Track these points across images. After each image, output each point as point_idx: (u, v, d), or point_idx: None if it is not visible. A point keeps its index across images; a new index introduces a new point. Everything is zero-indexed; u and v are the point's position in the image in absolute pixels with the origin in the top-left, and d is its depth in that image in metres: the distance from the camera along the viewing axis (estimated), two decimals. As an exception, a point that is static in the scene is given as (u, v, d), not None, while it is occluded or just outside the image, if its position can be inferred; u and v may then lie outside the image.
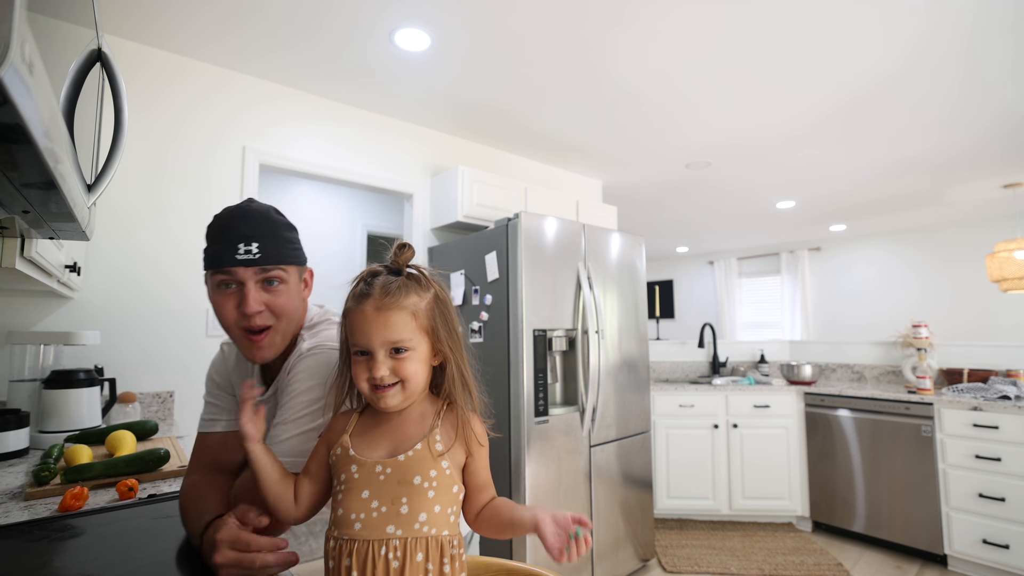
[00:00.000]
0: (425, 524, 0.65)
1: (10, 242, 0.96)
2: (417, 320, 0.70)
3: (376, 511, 0.64)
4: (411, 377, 0.69)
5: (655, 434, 3.35)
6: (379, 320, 0.68)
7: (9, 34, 0.34)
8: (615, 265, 2.71)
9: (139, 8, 1.91)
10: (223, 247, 0.81)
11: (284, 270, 0.85)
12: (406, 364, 0.69)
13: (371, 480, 0.66)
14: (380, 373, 0.67)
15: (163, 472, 1.27)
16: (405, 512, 0.64)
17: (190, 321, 2.20)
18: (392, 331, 0.68)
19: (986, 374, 3.01)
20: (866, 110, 2.77)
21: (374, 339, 0.68)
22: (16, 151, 0.45)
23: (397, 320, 0.68)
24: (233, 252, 0.80)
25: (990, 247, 5.34)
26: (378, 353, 0.68)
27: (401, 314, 0.69)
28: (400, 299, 0.69)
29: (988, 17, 1.96)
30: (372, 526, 0.64)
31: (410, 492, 0.65)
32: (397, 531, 0.64)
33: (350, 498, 0.66)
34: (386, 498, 0.65)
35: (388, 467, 0.67)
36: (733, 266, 7.45)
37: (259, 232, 0.83)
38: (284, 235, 0.87)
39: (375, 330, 0.68)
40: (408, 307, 0.69)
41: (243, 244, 0.81)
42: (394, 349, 0.68)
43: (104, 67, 0.74)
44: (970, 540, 2.60)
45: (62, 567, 0.74)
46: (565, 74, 2.41)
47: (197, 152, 2.26)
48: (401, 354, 0.68)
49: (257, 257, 0.81)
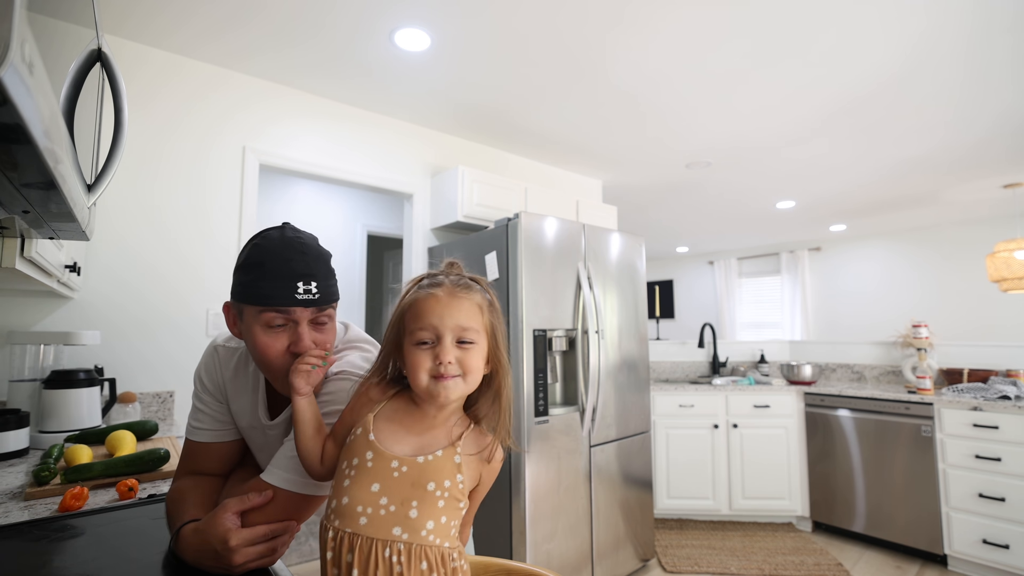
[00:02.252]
0: (431, 533, 0.63)
1: (10, 242, 0.96)
2: (483, 315, 0.71)
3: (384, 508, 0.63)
4: (474, 370, 0.68)
5: (655, 434, 3.35)
6: (453, 304, 0.68)
7: (9, 34, 0.34)
8: (615, 265, 2.71)
9: (139, 8, 1.91)
10: (279, 284, 0.75)
11: (333, 307, 0.83)
12: (471, 356, 0.68)
13: (384, 474, 0.64)
14: (448, 358, 0.66)
15: (163, 472, 1.27)
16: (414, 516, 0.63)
17: (190, 321, 2.20)
18: (464, 316, 0.68)
19: (986, 374, 3.01)
20: (866, 110, 2.77)
21: (446, 322, 0.67)
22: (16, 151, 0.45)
23: (469, 308, 0.69)
24: (292, 291, 0.76)
25: (990, 247, 5.34)
26: (446, 337, 0.67)
27: (472, 304, 0.69)
28: (471, 292, 0.71)
29: (988, 17, 1.96)
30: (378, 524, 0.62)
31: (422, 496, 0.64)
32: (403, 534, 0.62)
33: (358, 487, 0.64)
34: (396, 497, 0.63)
35: (405, 465, 0.65)
36: (733, 266, 7.45)
37: (316, 271, 0.78)
38: (332, 270, 0.83)
39: (448, 313, 0.67)
40: (477, 301, 0.71)
41: (302, 283, 0.76)
42: (460, 340, 0.68)
43: (104, 67, 0.74)
44: (970, 540, 2.60)
45: (62, 567, 0.74)
46: (565, 74, 2.41)
47: (197, 151, 2.26)
48: (466, 345, 0.68)
49: (316, 298, 0.77)
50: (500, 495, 2.29)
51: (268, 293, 0.76)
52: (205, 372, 0.94)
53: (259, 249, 0.78)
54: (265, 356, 0.78)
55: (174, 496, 0.86)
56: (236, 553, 0.68)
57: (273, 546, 0.72)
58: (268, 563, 0.72)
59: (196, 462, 0.93)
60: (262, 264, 0.77)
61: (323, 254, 0.83)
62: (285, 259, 0.77)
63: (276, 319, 0.77)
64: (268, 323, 0.77)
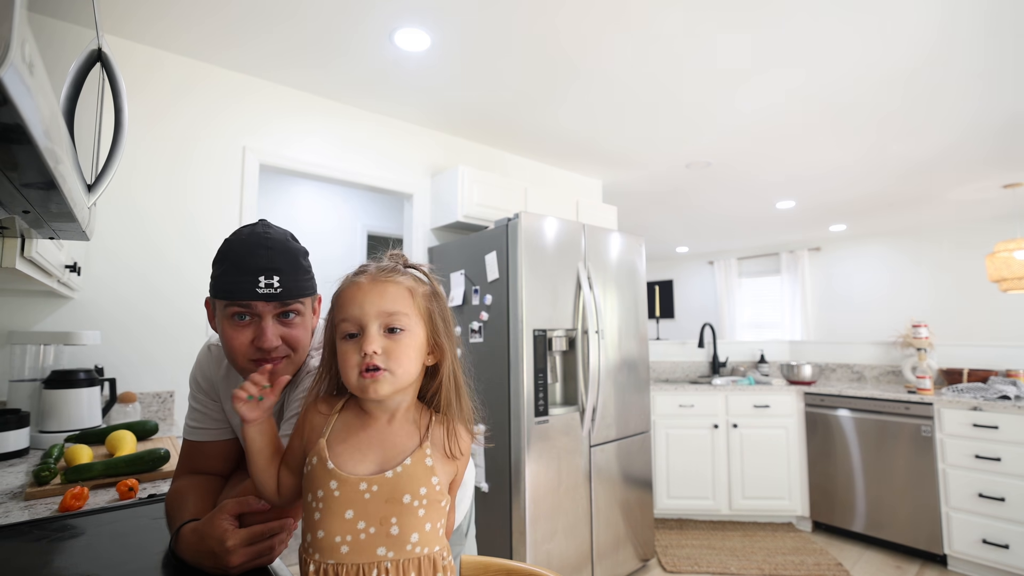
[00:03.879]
0: (418, 544, 0.60)
1: (10, 242, 0.96)
2: (415, 300, 0.65)
3: (364, 532, 0.59)
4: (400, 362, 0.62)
5: (655, 434, 3.35)
6: (375, 290, 0.63)
7: (9, 34, 0.34)
8: (615, 265, 2.71)
9: (140, 10, 1.91)
10: (241, 278, 0.76)
11: (302, 302, 0.82)
12: (400, 345, 0.63)
13: (355, 499, 0.60)
14: (371, 348, 0.61)
15: (163, 472, 1.27)
16: (396, 533, 0.59)
17: (190, 321, 2.20)
18: (388, 302, 0.63)
19: (986, 374, 3.01)
20: (866, 110, 2.77)
21: (368, 310, 0.62)
22: (16, 151, 0.45)
23: (394, 292, 0.64)
24: (253, 285, 0.76)
25: (990, 247, 5.34)
26: (371, 327, 0.62)
27: (399, 288, 0.64)
28: (397, 275, 0.66)
29: (990, 17, 1.96)
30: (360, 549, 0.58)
31: (400, 512, 0.60)
32: (388, 553, 0.59)
33: (332, 519, 0.59)
34: (373, 518, 0.59)
35: (374, 484, 0.60)
36: (733, 266, 7.45)
37: (280, 264, 0.78)
38: (302, 265, 0.83)
39: (369, 300, 0.63)
40: (405, 284, 0.65)
41: (263, 277, 0.76)
42: (389, 328, 0.63)
43: (104, 67, 0.74)
44: (970, 540, 2.60)
45: (62, 567, 0.74)
46: (565, 74, 2.41)
47: (196, 151, 2.26)
48: (395, 334, 0.63)
49: (278, 292, 0.77)
50: (500, 495, 2.29)
51: (230, 288, 0.77)
52: (199, 371, 0.95)
53: (227, 244, 0.80)
54: (229, 350, 0.80)
55: (173, 496, 0.86)
56: (233, 554, 0.68)
57: (270, 544, 0.72)
58: (266, 562, 0.72)
59: (195, 462, 0.93)
60: (227, 259, 0.79)
61: (291, 249, 0.82)
62: (248, 253, 0.78)
63: (239, 311, 0.78)
64: (231, 315, 0.78)
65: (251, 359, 0.79)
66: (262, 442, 0.68)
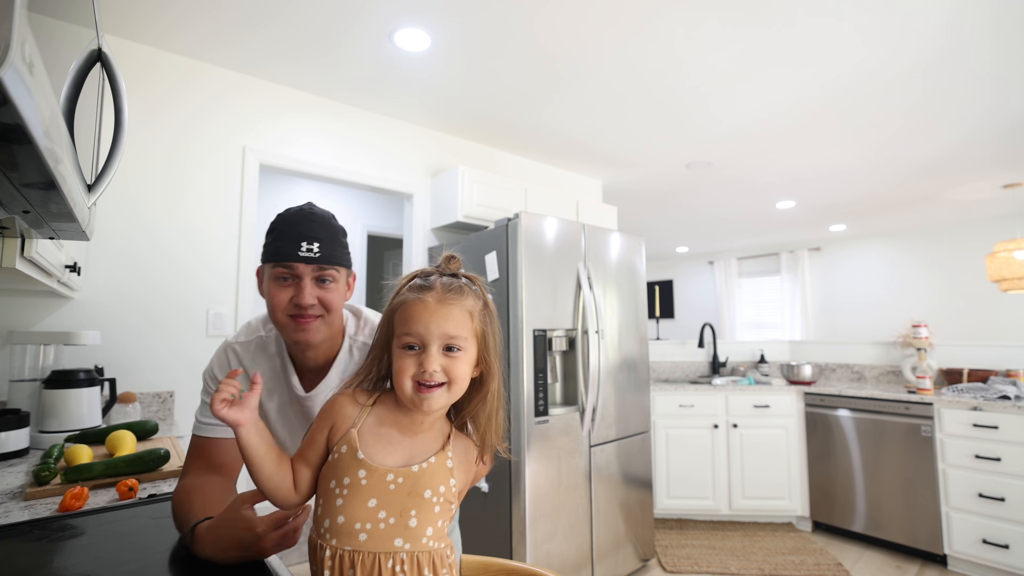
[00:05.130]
0: (431, 539, 0.63)
1: (10, 242, 0.96)
2: (473, 321, 0.69)
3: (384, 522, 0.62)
4: (459, 379, 0.66)
5: (655, 434, 3.36)
6: (440, 312, 0.66)
7: (9, 34, 0.34)
8: (615, 265, 2.71)
9: (140, 9, 1.91)
10: (287, 244, 0.87)
11: (336, 270, 0.91)
12: (457, 364, 0.66)
13: (380, 488, 0.63)
14: (433, 367, 0.64)
15: (163, 472, 1.27)
16: (414, 526, 0.62)
17: (190, 321, 2.20)
18: (452, 325, 0.66)
19: (986, 374, 3.01)
20: (869, 110, 2.77)
21: (432, 330, 0.65)
22: (16, 151, 0.45)
23: (458, 315, 0.67)
24: (296, 249, 0.87)
25: (990, 247, 5.34)
26: (432, 346, 0.65)
27: (461, 311, 0.67)
28: (461, 297, 0.68)
29: (990, 18, 1.96)
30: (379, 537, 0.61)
31: (419, 505, 0.63)
32: (405, 544, 0.61)
33: (354, 505, 0.62)
34: (395, 509, 0.62)
35: (401, 477, 0.64)
36: (733, 266, 7.45)
37: (320, 234, 0.89)
38: (341, 240, 0.93)
39: (435, 321, 0.65)
40: (467, 307, 0.68)
41: (305, 243, 0.87)
42: (447, 347, 0.66)
43: (104, 67, 0.74)
44: (970, 540, 2.60)
45: (62, 567, 0.74)
46: (565, 74, 2.41)
47: (196, 152, 2.26)
48: (453, 353, 0.66)
49: (317, 256, 0.88)
50: (500, 495, 2.29)
51: (276, 251, 0.88)
52: (218, 369, 0.98)
53: (278, 218, 0.92)
54: (271, 307, 0.90)
55: (182, 496, 0.86)
56: (265, 538, 0.70)
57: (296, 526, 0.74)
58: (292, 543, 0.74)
59: (204, 458, 0.93)
60: (275, 229, 0.90)
61: (332, 224, 0.93)
62: (294, 224, 0.89)
63: (283, 273, 0.88)
64: (276, 277, 0.89)
65: (289, 315, 0.89)
66: (264, 446, 0.67)
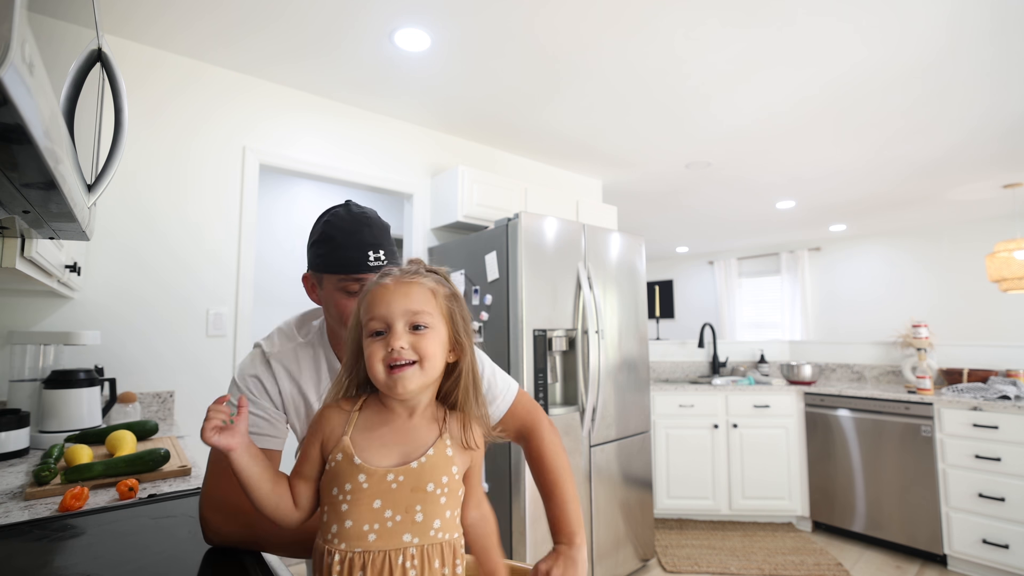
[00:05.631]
0: (440, 530, 0.64)
1: (10, 242, 0.96)
2: (437, 300, 0.69)
3: (391, 520, 0.62)
4: (430, 356, 0.66)
5: (655, 434, 3.36)
6: (400, 290, 0.67)
7: (9, 34, 0.34)
8: (615, 265, 2.71)
9: (140, 9, 1.91)
10: (353, 253, 0.86)
11: None
12: (425, 341, 0.66)
13: (383, 489, 0.63)
14: (399, 343, 0.64)
15: (163, 472, 1.27)
16: (420, 520, 0.63)
17: (190, 321, 2.20)
18: (413, 301, 0.67)
19: (986, 374, 3.01)
20: (869, 110, 2.77)
21: (394, 309, 0.66)
22: (16, 151, 0.45)
23: (418, 293, 0.68)
24: (364, 259, 0.86)
25: (990, 247, 5.34)
26: (397, 324, 0.65)
27: (422, 289, 0.68)
28: (421, 278, 0.70)
29: (991, 18, 1.96)
30: (388, 536, 0.61)
31: (424, 500, 0.63)
32: (414, 539, 0.62)
33: (360, 510, 0.62)
34: (400, 507, 0.63)
35: (400, 475, 0.64)
36: (733, 266, 7.45)
37: (384, 242, 0.90)
38: (393, 239, 0.94)
39: (396, 300, 0.66)
40: (428, 285, 0.69)
41: (372, 252, 0.87)
42: (414, 326, 0.66)
43: (104, 67, 0.74)
44: (970, 540, 2.60)
45: (62, 567, 0.74)
46: (565, 74, 2.41)
47: (196, 152, 2.26)
48: (420, 331, 0.66)
49: (385, 264, 0.87)
50: (500, 495, 2.29)
51: (343, 262, 0.87)
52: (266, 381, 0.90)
53: (331, 225, 0.89)
54: (343, 316, 0.88)
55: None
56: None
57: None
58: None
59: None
60: (334, 238, 0.88)
61: (385, 226, 0.93)
62: (355, 232, 0.88)
63: (352, 285, 0.87)
64: (346, 288, 0.87)
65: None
66: (257, 468, 0.66)
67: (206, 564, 0.75)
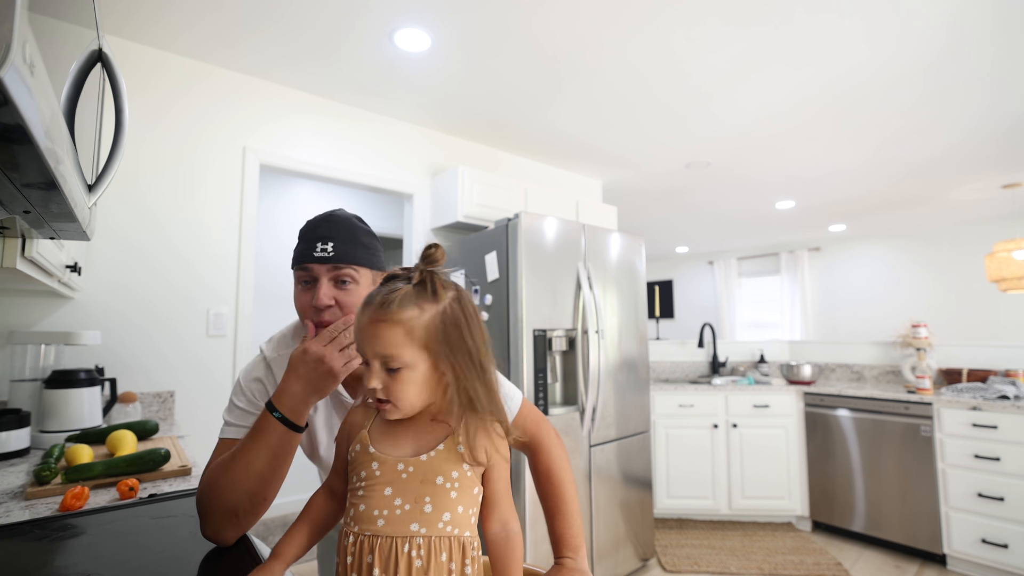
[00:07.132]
0: (449, 524, 0.65)
1: (11, 242, 0.96)
2: (413, 336, 0.66)
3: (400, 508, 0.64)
4: (401, 399, 0.66)
5: (655, 434, 3.36)
6: (370, 331, 0.66)
7: (10, 34, 0.34)
8: (615, 265, 2.71)
9: (141, 10, 1.91)
10: (305, 246, 0.89)
11: (355, 270, 0.89)
12: (397, 384, 0.65)
13: (394, 478, 0.66)
14: (372, 384, 0.65)
15: (164, 472, 1.27)
16: (429, 511, 0.64)
17: (191, 321, 2.20)
18: (381, 345, 0.65)
19: (985, 374, 3.01)
20: (869, 110, 2.77)
21: (366, 350, 0.67)
22: (17, 151, 0.45)
23: (387, 335, 0.65)
24: (312, 250, 0.88)
25: (990, 247, 5.34)
26: (373, 363, 0.66)
27: (393, 329, 0.65)
28: (394, 313, 0.65)
29: (991, 18, 1.96)
30: (396, 523, 0.64)
31: (433, 491, 0.65)
32: (421, 529, 0.64)
33: (373, 494, 0.66)
34: (409, 496, 0.65)
35: (411, 466, 0.66)
36: (733, 266, 7.45)
37: (335, 234, 0.89)
38: (360, 239, 0.92)
39: (366, 341, 0.66)
40: (402, 322, 0.65)
41: (321, 243, 0.88)
42: (388, 368, 0.65)
43: (105, 67, 0.74)
44: (969, 539, 2.60)
45: (63, 567, 0.74)
46: (564, 74, 2.41)
47: (197, 152, 2.26)
48: (393, 373, 0.65)
49: (331, 255, 0.87)
50: (500, 495, 2.29)
51: (296, 256, 0.90)
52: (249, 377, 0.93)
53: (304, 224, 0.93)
54: (298, 312, 0.91)
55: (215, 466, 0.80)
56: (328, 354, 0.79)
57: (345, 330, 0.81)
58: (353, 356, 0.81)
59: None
60: (300, 234, 0.92)
61: (351, 225, 0.92)
62: (314, 227, 0.90)
63: (303, 276, 0.89)
64: (298, 280, 0.90)
65: (310, 318, 0.89)
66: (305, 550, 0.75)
67: (206, 564, 0.75)
